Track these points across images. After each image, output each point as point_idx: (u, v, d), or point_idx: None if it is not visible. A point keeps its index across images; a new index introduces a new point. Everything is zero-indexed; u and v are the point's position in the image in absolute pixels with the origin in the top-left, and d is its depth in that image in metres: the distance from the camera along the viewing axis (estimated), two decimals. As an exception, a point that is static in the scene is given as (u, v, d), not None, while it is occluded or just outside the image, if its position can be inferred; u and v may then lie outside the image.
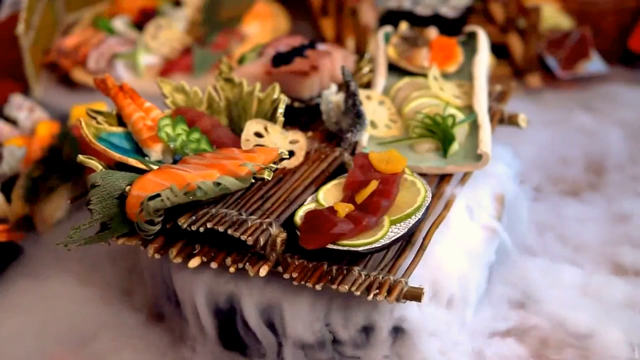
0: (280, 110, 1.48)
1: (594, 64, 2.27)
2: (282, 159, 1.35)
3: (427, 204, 1.33)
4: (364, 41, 2.08)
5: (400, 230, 1.28)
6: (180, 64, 2.23)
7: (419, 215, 1.31)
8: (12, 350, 1.46)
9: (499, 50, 2.21)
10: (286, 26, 2.46)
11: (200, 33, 2.30)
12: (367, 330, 1.30)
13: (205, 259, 1.29)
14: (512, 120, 1.63)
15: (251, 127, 1.45)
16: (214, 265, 1.28)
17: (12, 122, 1.98)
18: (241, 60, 1.72)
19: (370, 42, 1.78)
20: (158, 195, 1.24)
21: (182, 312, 1.42)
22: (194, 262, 1.29)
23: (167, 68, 2.23)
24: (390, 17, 2.15)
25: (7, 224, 1.66)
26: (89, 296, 1.55)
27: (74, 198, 1.42)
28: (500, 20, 2.32)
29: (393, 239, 1.27)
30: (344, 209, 1.28)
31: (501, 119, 1.63)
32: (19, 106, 2.00)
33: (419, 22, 2.07)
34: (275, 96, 1.50)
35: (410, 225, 1.29)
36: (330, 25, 2.39)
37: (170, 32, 2.26)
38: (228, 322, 1.37)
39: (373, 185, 1.32)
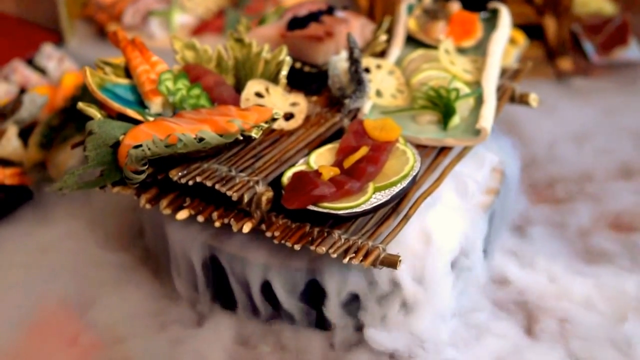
0: (284, 72, 1.49)
1: (632, 50, 2.22)
2: (274, 119, 1.35)
3: (414, 174, 1.32)
4: (393, 11, 2.07)
5: (383, 197, 1.28)
6: (214, 24, 2.25)
7: (404, 184, 1.30)
8: (17, 288, 1.51)
9: (534, 31, 2.17)
10: (324, -7, 2.45)
11: (237, -5, 2.33)
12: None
13: (193, 212, 1.31)
14: (523, 99, 1.60)
15: (252, 86, 1.46)
16: (200, 218, 1.30)
17: (42, 71, 2.02)
18: (261, 22, 1.73)
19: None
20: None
21: (173, 264, 1.45)
22: (182, 215, 1.32)
23: (200, 28, 2.25)
24: (426, -10, 2.13)
25: (22, 168, 1.71)
26: (92, 242, 1.60)
27: (75, 144, 1.46)
28: (538, 0, 2.27)
29: (375, 205, 1.27)
30: (329, 172, 1.28)
31: (512, 98, 1.61)
32: (49, 56, 2.05)
33: (453, -4, 2.05)
34: (281, 58, 1.51)
35: (394, 193, 1.29)
36: (365, -6, 2.38)
37: (207, -7, 2.29)
38: (218, 277, 1.40)
39: (362, 151, 1.32)
